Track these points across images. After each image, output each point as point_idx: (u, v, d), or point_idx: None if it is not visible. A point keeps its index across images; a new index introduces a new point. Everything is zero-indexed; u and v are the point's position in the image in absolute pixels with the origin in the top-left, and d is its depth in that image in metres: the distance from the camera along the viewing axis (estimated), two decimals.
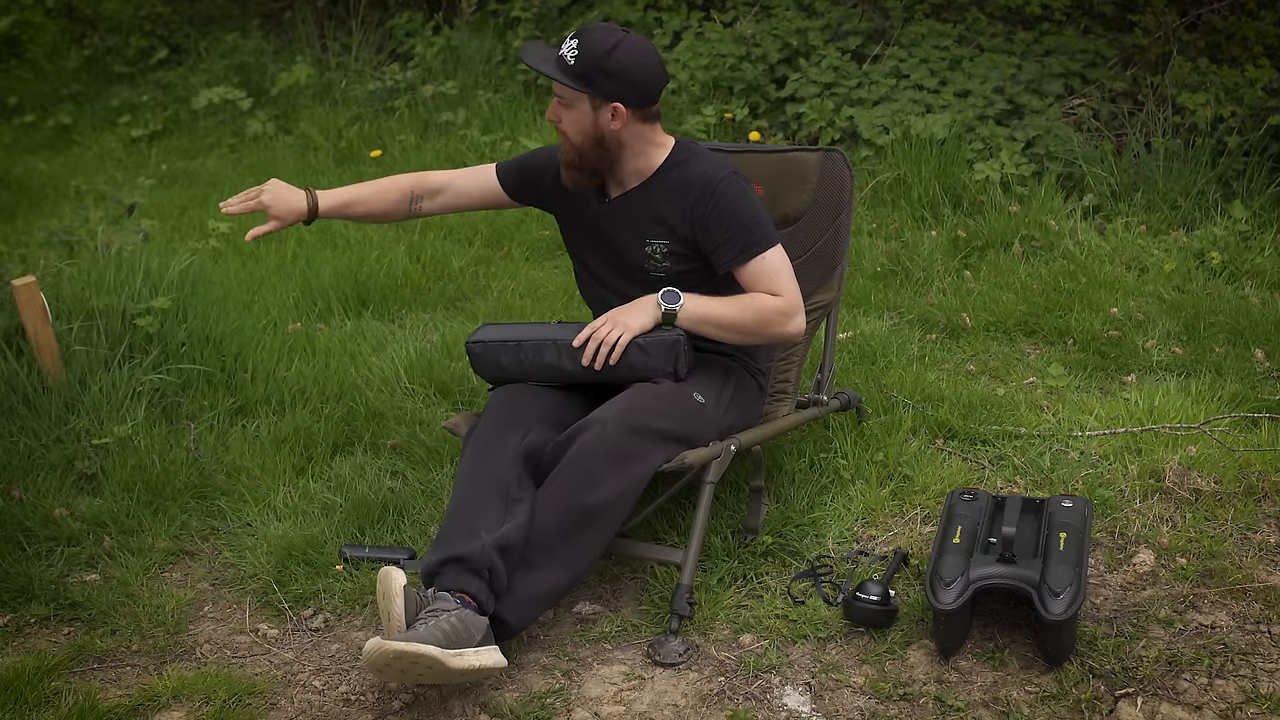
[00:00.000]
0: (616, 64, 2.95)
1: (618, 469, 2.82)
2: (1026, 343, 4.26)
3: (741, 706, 2.66)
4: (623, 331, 2.97)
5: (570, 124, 3.02)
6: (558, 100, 3.03)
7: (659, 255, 3.09)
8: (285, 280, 4.84)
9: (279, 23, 8.32)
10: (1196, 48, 5.92)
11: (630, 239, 3.11)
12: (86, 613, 3.04)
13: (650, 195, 3.09)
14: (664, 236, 3.08)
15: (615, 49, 2.95)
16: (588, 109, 2.99)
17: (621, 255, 3.13)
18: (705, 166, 3.08)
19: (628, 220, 3.11)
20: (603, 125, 3.00)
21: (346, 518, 3.33)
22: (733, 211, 3.02)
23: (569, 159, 3.06)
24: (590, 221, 3.17)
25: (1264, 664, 2.70)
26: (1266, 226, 4.88)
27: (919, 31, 6.15)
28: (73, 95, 8.16)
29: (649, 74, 3.00)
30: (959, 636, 2.77)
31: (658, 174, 3.10)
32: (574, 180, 3.08)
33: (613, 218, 3.13)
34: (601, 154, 3.04)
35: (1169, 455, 3.43)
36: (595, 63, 2.94)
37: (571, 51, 2.95)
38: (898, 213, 5.24)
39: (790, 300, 3.04)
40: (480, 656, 2.58)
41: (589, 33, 2.97)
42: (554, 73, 2.96)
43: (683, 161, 3.10)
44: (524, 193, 3.30)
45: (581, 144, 3.03)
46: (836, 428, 3.59)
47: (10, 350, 3.80)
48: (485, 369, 3.09)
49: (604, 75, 2.95)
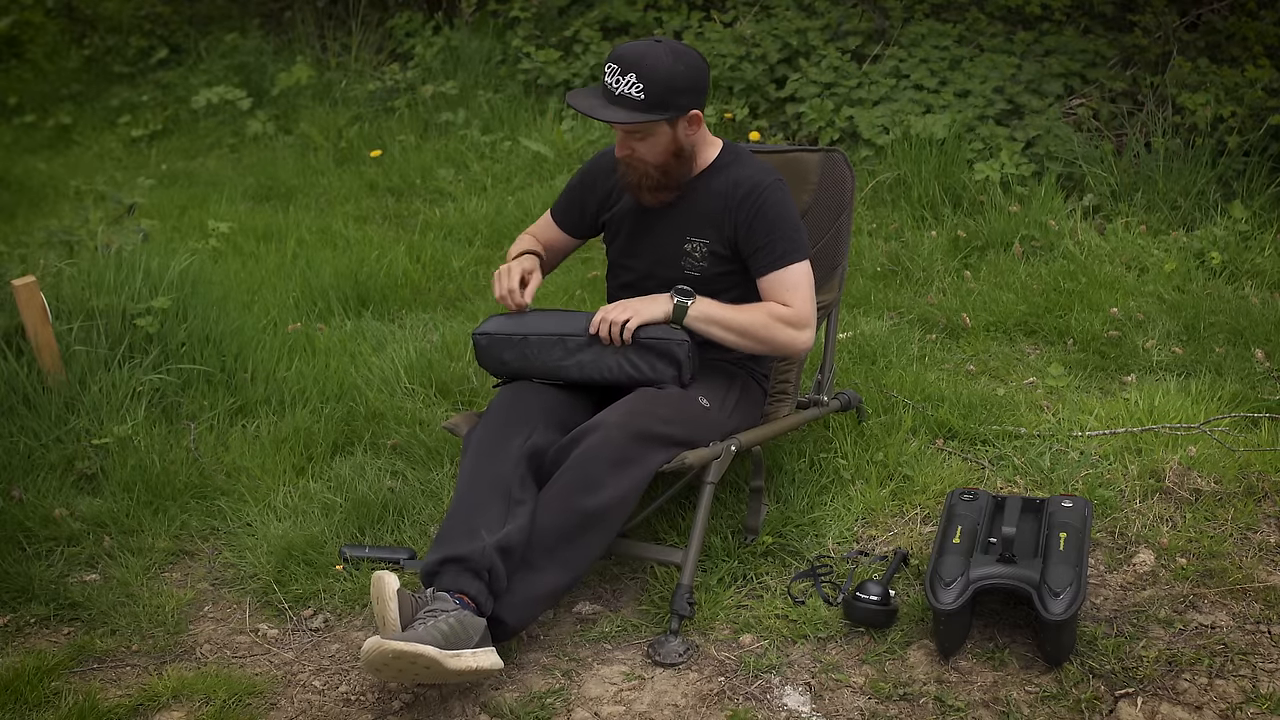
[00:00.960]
0: (684, 77, 2.94)
1: (619, 473, 2.82)
2: (1026, 343, 4.26)
3: (741, 706, 2.66)
4: (632, 315, 2.97)
5: (648, 151, 3.01)
6: (627, 135, 3.00)
7: (698, 254, 3.10)
8: (285, 280, 4.84)
9: (279, 23, 8.32)
10: (1196, 48, 5.92)
11: (672, 235, 3.12)
12: (86, 613, 3.04)
13: (697, 193, 3.11)
14: (705, 235, 3.09)
15: (674, 63, 2.92)
16: (667, 130, 2.98)
17: (661, 252, 3.14)
18: (753, 170, 3.09)
19: (673, 217, 3.12)
20: (681, 138, 3.02)
21: (346, 518, 3.33)
22: (775, 218, 3.04)
23: (651, 183, 3.05)
24: (636, 218, 3.17)
25: (1264, 664, 2.70)
26: (1266, 226, 4.88)
27: (919, 31, 6.15)
28: (73, 95, 8.16)
29: (703, 71, 3.00)
30: (959, 636, 2.77)
31: (706, 173, 3.11)
32: (660, 199, 3.08)
33: (659, 214, 3.13)
34: (683, 165, 3.06)
35: (1169, 455, 3.43)
36: (665, 86, 2.91)
37: (633, 86, 2.90)
38: (898, 213, 5.24)
39: (801, 313, 3.05)
40: (477, 658, 2.57)
41: (639, 61, 2.91)
42: (631, 116, 2.92)
43: (731, 163, 3.11)
44: (579, 220, 3.31)
45: (664, 163, 3.03)
46: (836, 428, 3.59)
47: (10, 350, 3.80)
48: (489, 362, 3.09)
49: (677, 94, 2.94)
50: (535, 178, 5.97)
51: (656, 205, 3.10)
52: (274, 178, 6.38)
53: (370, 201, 6.02)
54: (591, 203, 3.28)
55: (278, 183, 6.31)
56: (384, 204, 5.98)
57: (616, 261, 3.27)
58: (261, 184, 6.34)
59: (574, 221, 3.32)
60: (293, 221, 5.62)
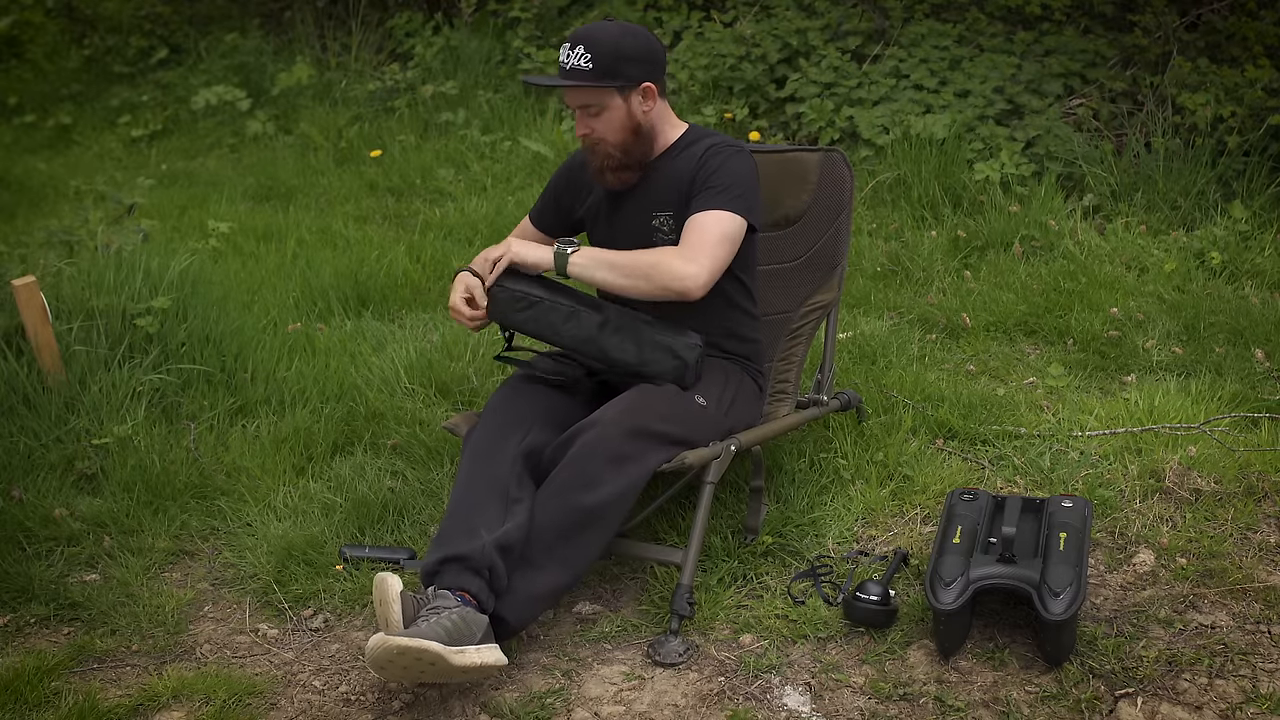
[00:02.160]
0: (631, 47, 2.98)
1: (616, 470, 2.82)
2: (1026, 343, 4.26)
3: (741, 706, 2.66)
4: (504, 251, 2.99)
5: (605, 127, 3.03)
6: (583, 112, 3.03)
7: (666, 229, 3.11)
8: (285, 280, 4.84)
9: (279, 23, 8.32)
10: (1196, 48, 5.93)
11: (639, 214, 3.13)
12: (86, 613, 3.04)
13: (660, 171, 3.12)
14: (670, 207, 3.10)
15: (621, 35, 2.98)
16: (620, 103, 3.01)
17: (631, 232, 3.14)
18: (715, 139, 3.12)
19: (638, 197, 3.13)
20: (636, 112, 3.03)
21: (346, 518, 3.33)
22: (719, 171, 3.03)
23: (613, 162, 3.06)
24: (607, 205, 3.19)
25: (1264, 664, 2.70)
26: (1266, 226, 4.88)
27: (919, 31, 6.15)
28: (73, 95, 8.16)
29: (655, 46, 3.05)
30: (959, 636, 2.77)
31: (669, 151, 3.13)
32: (623, 180, 3.09)
33: (627, 196, 3.15)
34: (641, 142, 3.07)
35: (1169, 455, 3.43)
36: (612, 54, 2.95)
37: (581, 57, 2.95)
38: (898, 213, 5.24)
39: (693, 254, 2.95)
40: (482, 654, 2.58)
41: (587, 35, 2.98)
42: (578, 81, 2.96)
43: (696, 139, 3.14)
44: (558, 220, 3.35)
45: (623, 140, 3.04)
46: (836, 428, 3.59)
47: (10, 350, 3.80)
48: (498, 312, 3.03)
49: (626, 62, 2.97)
50: (535, 178, 5.97)
51: (620, 186, 3.11)
52: (274, 178, 6.39)
53: (370, 201, 6.02)
54: (566, 201, 3.31)
55: (278, 183, 6.31)
56: (384, 204, 5.99)
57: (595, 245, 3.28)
58: (261, 184, 6.34)
59: (550, 223, 3.36)
60: (293, 221, 5.62)
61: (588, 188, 3.24)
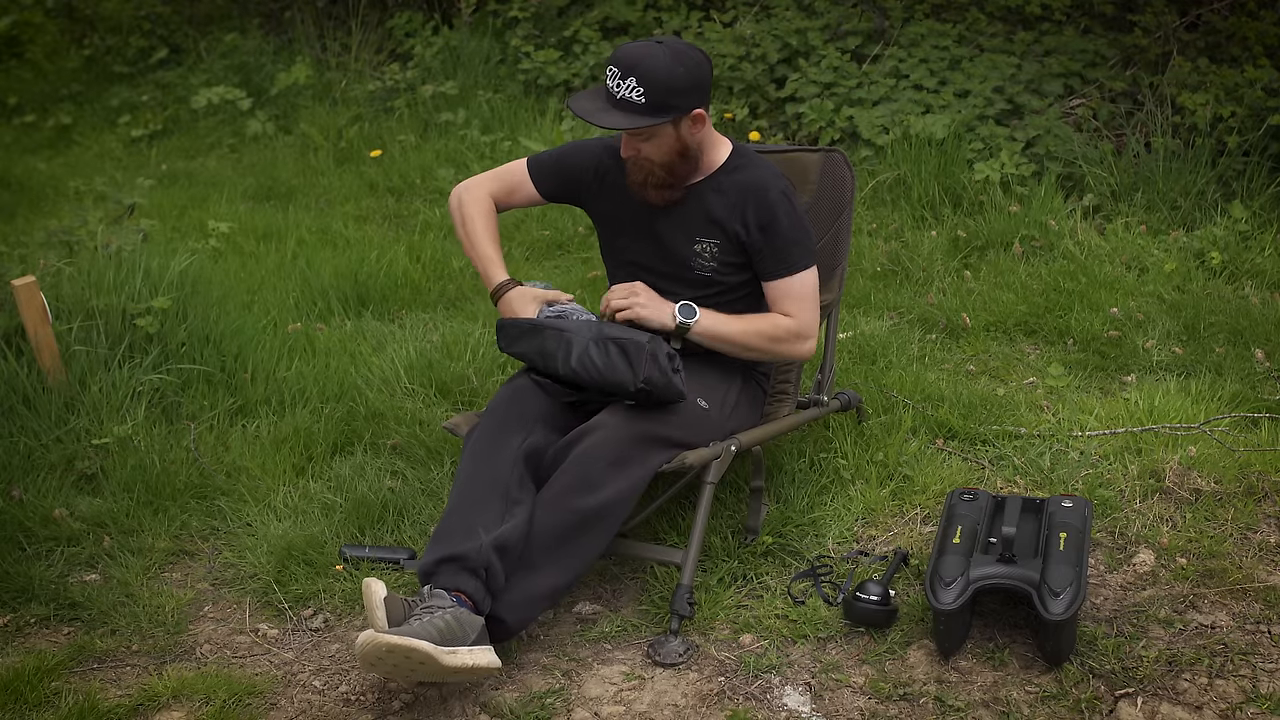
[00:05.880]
0: (684, 78, 2.91)
1: (618, 473, 2.82)
2: (1026, 343, 4.26)
3: (741, 706, 2.66)
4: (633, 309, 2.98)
5: (653, 151, 2.99)
6: (632, 135, 2.98)
7: (708, 255, 3.10)
8: (285, 280, 4.83)
9: (279, 23, 8.32)
10: (1196, 48, 5.92)
11: (681, 236, 3.11)
12: (86, 613, 3.04)
13: (706, 195, 3.09)
14: (715, 236, 3.09)
15: (673, 65, 2.89)
16: (670, 130, 2.96)
17: (669, 251, 3.13)
18: (763, 174, 3.09)
19: (681, 218, 3.11)
20: (685, 137, 3.00)
21: (346, 518, 3.33)
22: (783, 226, 3.04)
23: (657, 180, 3.03)
24: (641, 217, 3.15)
25: (1264, 664, 2.70)
26: (1266, 226, 4.88)
27: (919, 31, 6.15)
28: (73, 95, 8.16)
29: (705, 71, 2.97)
30: (959, 636, 2.77)
31: (716, 175, 3.10)
32: (666, 198, 3.07)
33: (667, 214, 3.12)
34: (687, 163, 3.04)
35: (1169, 455, 3.43)
36: (666, 88, 2.88)
37: (634, 90, 2.88)
38: (898, 213, 5.24)
39: (803, 324, 3.08)
40: (474, 655, 2.57)
41: (639, 63, 2.88)
42: (631, 121, 2.90)
43: (741, 166, 3.10)
44: (561, 194, 3.27)
45: (669, 161, 3.01)
46: (836, 428, 3.59)
47: (10, 350, 3.80)
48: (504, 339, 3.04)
49: (678, 95, 2.91)
50: None
51: (663, 204, 3.09)
52: (274, 178, 6.38)
53: (370, 201, 6.01)
54: (584, 191, 3.23)
55: (278, 183, 6.31)
56: (384, 204, 5.98)
57: (622, 256, 3.24)
58: (261, 184, 6.33)
59: (549, 189, 3.26)
60: (293, 221, 5.62)
61: (622, 191, 3.15)
